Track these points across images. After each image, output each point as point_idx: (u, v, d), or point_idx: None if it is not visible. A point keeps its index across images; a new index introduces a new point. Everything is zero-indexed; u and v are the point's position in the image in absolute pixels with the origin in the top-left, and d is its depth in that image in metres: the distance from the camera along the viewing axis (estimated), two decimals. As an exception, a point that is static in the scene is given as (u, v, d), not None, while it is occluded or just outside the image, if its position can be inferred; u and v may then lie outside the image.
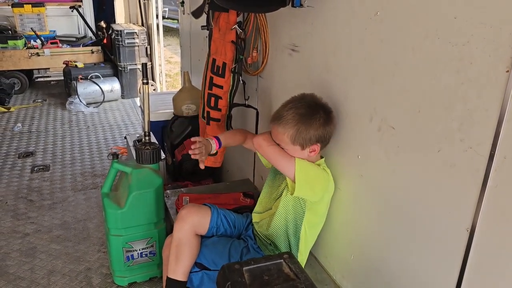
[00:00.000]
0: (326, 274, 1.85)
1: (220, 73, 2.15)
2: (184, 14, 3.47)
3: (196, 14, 2.28)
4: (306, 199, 1.64)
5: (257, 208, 1.87)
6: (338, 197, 1.71)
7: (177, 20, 10.83)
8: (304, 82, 1.85)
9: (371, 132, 1.47)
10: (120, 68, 5.38)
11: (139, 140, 2.96)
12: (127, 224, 2.12)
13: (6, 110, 4.90)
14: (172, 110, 3.30)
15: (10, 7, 5.63)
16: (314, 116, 1.55)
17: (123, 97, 5.48)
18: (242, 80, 2.18)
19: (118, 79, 5.40)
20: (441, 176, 1.20)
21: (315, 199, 1.64)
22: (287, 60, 1.99)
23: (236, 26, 2.04)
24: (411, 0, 1.25)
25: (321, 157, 1.70)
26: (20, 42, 5.44)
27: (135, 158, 2.40)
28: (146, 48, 5.47)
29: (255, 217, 1.85)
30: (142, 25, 5.67)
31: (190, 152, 1.69)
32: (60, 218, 2.87)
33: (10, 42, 5.40)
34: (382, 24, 1.37)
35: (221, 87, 2.17)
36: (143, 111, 3.80)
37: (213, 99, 2.21)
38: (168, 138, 3.22)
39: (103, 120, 4.78)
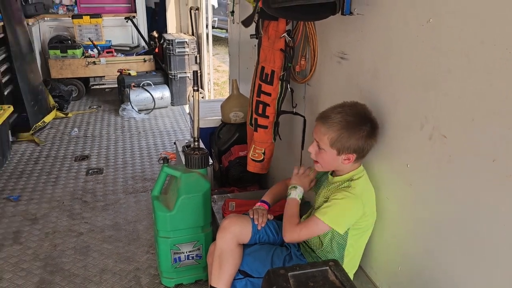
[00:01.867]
0: (372, 285, 1.82)
1: (268, 80, 2.18)
2: (233, 23, 3.55)
3: (246, 23, 2.32)
4: None
5: (305, 216, 1.87)
6: (385, 207, 1.68)
7: (226, 29, 11.05)
8: (352, 89, 1.84)
9: (422, 141, 1.44)
10: (170, 76, 5.56)
11: (188, 146, 3.05)
12: (175, 226, 2.19)
13: (64, 116, 5.18)
14: (220, 117, 3.37)
15: (70, 18, 5.97)
16: (360, 127, 1.56)
17: (172, 104, 5.64)
18: (290, 87, 2.20)
19: (168, 87, 5.58)
20: (496, 186, 1.16)
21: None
22: (335, 67, 1.99)
23: (285, 34, 2.07)
24: (465, 7, 1.22)
25: (359, 165, 1.69)
26: (78, 52, 5.74)
27: (184, 163, 2.47)
28: (196, 57, 5.62)
29: (302, 223, 1.85)
30: (192, 34, 5.83)
31: (257, 222, 1.85)
32: (112, 219, 3.00)
33: (70, 51, 5.71)
34: (435, 31, 1.34)
35: (269, 94, 2.20)
36: (192, 118, 3.91)
37: (261, 106, 2.24)
38: (216, 145, 3.29)
39: (153, 126, 4.95)
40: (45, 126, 4.75)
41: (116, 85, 5.96)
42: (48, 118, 4.81)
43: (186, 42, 5.46)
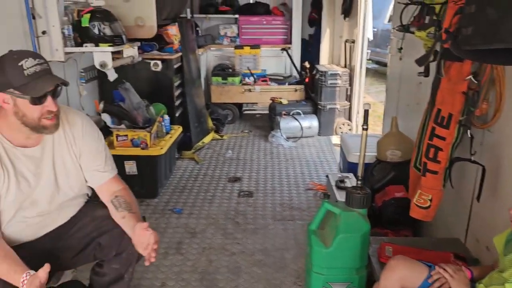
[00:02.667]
0: None
1: (444, 124, 2.05)
2: (400, 59, 3.45)
3: (421, 62, 2.24)
4: None
5: (485, 280, 1.68)
6: None
7: (372, 60, 10.86)
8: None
9: None
10: (319, 107, 5.64)
11: (342, 181, 3.03)
12: (330, 264, 2.16)
13: (220, 138, 5.60)
14: (373, 153, 3.27)
15: (233, 48, 6.50)
16: None
17: (319, 134, 5.70)
18: (470, 133, 2.03)
19: (317, 117, 5.66)
20: None
21: None
22: (529, 116, 1.78)
23: (470, 77, 1.93)
24: None
25: None
26: (237, 79, 6.20)
27: (338, 199, 2.45)
28: (347, 89, 5.62)
29: (479, 288, 1.67)
30: (345, 66, 5.86)
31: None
32: (261, 244, 3.10)
33: (229, 79, 6.20)
34: None
35: (443, 138, 2.07)
36: (342, 151, 3.89)
37: (432, 150, 2.11)
38: (369, 182, 3.19)
39: (300, 155, 5.04)
40: (204, 146, 5.19)
41: (266, 112, 6.27)
42: (207, 139, 5.26)
43: (339, 74, 5.51)
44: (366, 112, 2.16)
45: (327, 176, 3.35)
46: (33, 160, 1.77)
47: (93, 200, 2.07)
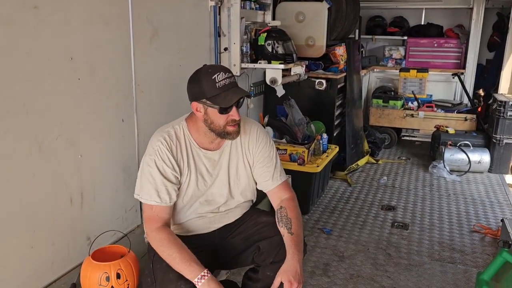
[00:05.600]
0: None
1: None
2: None
3: None
4: None
5: None
6: None
7: None
8: None
9: None
10: (494, 140, 5.02)
11: (522, 229, 2.62)
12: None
13: (375, 162, 5.40)
14: None
15: (397, 71, 6.23)
16: None
17: (490, 171, 5.07)
18: None
19: (489, 151, 5.05)
20: None
21: None
22: None
23: None
24: None
25: None
26: (399, 103, 5.91)
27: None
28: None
29: None
30: (531, 97, 5.12)
31: None
32: (415, 283, 2.85)
33: (391, 102, 5.95)
34: None
35: None
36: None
37: None
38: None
39: (465, 191, 4.55)
40: (357, 169, 5.06)
41: (428, 140, 5.85)
42: (361, 162, 5.12)
43: (523, 105, 4.83)
44: None
45: (502, 221, 2.94)
46: (211, 162, 1.95)
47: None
